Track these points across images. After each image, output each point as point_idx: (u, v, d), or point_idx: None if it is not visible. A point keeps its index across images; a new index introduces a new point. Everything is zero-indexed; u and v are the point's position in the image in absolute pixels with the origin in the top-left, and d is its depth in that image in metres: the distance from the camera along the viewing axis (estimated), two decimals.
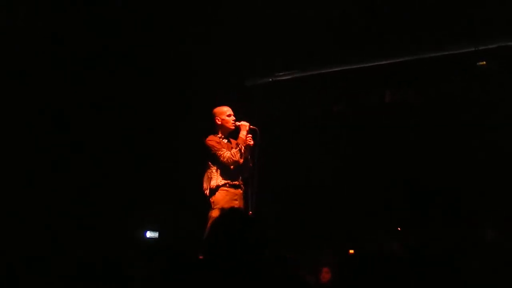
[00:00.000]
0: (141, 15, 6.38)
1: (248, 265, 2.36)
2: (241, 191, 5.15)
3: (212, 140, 5.15)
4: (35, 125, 6.22)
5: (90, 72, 6.50)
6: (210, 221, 4.79)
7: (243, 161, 5.14)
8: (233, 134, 5.28)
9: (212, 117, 5.27)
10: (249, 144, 5.18)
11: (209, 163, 5.13)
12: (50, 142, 6.26)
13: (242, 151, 5.10)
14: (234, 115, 5.25)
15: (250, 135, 5.22)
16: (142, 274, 3.76)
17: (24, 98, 6.12)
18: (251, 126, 5.23)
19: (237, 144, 5.13)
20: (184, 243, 5.89)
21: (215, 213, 4.92)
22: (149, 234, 6.39)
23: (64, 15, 6.24)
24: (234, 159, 5.03)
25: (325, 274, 5.45)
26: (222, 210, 4.80)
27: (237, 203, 5.04)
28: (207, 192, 5.09)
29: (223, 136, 5.23)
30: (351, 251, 5.42)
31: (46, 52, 6.26)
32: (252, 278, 2.35)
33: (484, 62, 6.23)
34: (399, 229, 6.51)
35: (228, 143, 5.24)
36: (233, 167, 5.07)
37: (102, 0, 6.30)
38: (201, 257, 2.54)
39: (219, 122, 5.23)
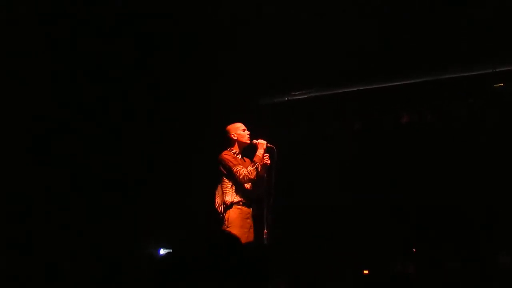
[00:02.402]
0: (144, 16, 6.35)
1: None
2: (252, 210, 5.09)
3: (228, 155, 5.08)
4: (35, 125, 6.19)
5: (90, 72, 6.47)
6: None
7: (257, 179, 5.04)
8: (248, 152, 5.21)
9: (227, 134, 5.19)
10: (266, 163, 5.10)
11: (224, 178, 5.05)
12: (50, 142, 6.25)
13: (259, 169, 5.01)
14: (250, 134, 5.19)
15: (267, 154, 5.14)
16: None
17: (24, 98, 6.07)
18: (268, 145, 5.14)
19: (254, 162, 5.03)
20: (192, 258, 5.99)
21: None
22: (162, 251, 6.38)
23: (64, 15, 6.14)
24: (250, 177, 4.94)
25: None
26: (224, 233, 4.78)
27: (249, 221, 5.03)
28: (221, 208, 5.03)
29: (237, 152, 5.17)
30: (366, 272, 5.48)
31: (46, 52, 6.18)
32: None
33: (502, 84, 6.23)
34: (414, 250, 6.48)
35: (243, 160, 5.16)
36: (248, 185, 5.03)
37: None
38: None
39: (235, 138, 5.15)
